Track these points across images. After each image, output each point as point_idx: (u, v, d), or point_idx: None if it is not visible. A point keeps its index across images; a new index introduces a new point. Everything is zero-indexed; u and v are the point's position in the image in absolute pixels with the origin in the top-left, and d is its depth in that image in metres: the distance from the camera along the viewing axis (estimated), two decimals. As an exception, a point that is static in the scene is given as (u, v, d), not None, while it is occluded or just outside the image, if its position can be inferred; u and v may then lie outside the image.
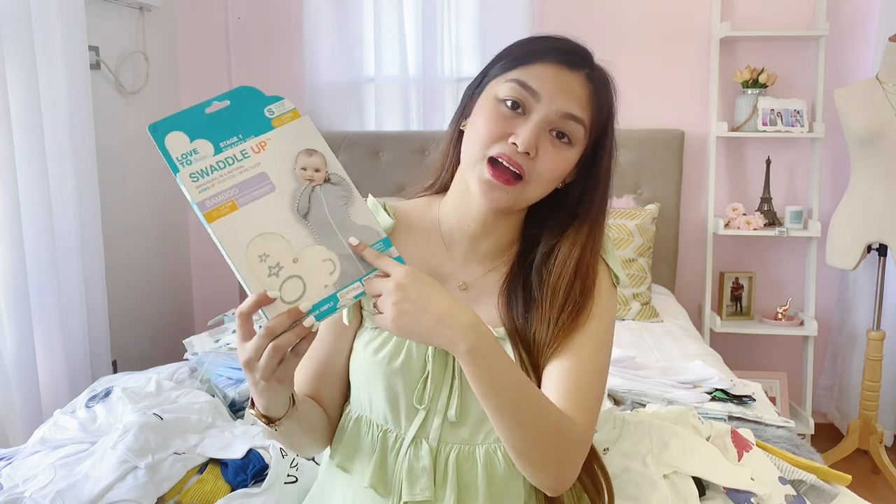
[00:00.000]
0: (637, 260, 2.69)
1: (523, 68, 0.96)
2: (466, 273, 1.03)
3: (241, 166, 0.81)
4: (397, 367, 0.96)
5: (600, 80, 0.98)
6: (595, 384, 0.95)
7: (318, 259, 0.82)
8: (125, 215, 2.71)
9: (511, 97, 0.94)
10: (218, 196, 0.80)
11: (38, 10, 2.08)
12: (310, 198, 0.83)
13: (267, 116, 0.84)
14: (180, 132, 0.81)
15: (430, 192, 1.10)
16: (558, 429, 0.88)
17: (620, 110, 1.05)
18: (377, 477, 0.98)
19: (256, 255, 0.80)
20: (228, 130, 0.82)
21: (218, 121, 0.82)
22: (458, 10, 3.02)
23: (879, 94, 2.61)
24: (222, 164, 0.81)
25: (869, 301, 2.94)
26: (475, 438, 0.97)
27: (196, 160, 0.80)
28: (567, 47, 0.98)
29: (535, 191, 0.96)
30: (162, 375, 1.81)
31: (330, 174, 0.85)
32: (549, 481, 0.91)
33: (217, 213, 0.79)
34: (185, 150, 0.80)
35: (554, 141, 0.95)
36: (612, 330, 1.01)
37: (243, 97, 0.84)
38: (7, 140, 1.95)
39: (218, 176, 0.80)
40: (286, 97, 0.87)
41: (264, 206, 0.81)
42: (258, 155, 0.82)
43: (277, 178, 0.82)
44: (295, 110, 0.86)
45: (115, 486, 1.24)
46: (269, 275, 0.80)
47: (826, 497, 1.28)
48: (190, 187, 0.79)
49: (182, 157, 0.80)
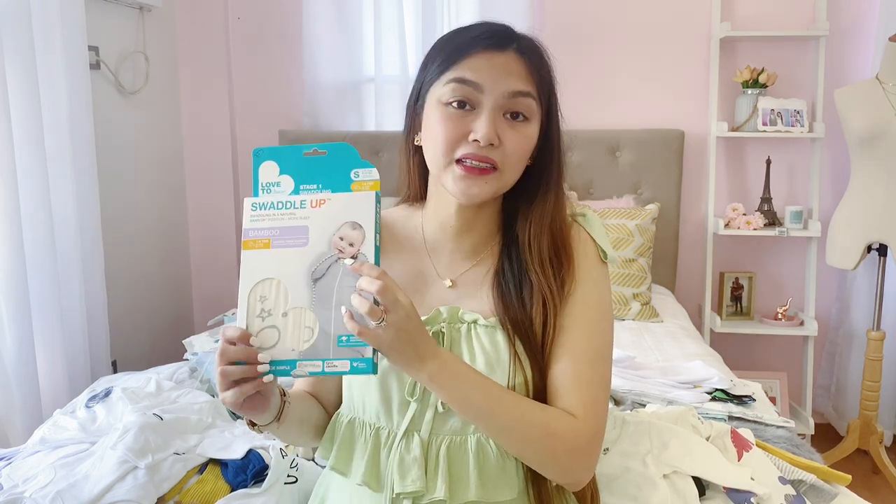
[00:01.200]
0: (637, 260, 2.69)
1: (456, 66, 0.96)
2: (452, 271, 1.05)
3: (294, 214, 0.87)
4: (388, 366, 0.98)
5: (530, 49, 0.99)
6: (596, 375, 0.96)
7: (303, 323, 0.85)
8: (125, 215, 2.71)
9: (455, 97, 0.95)
10: (261, 231, 0.87)
11: (38, 10, 2.08)
12: (329, 266, 0.85)
13: (351, 178, 0.88)
14: (275, 163, 0.89)
15: (409, 201, 1.12)
16: (546, 432, 0.90)
17: (620, 110, 1.06)
18: (369, 473, 0.99)
19: (259, 293, 0.86)
20: (313, 177, 0.88)
21: (310, 165, 0.89)
22: (458, 10, 3.02)
23: (879, 94, 2.61)
24: (281, 205, 0.87)
25: (867, 300, 2.95)
26: (466, 428, 0.98)
27: (276, 191, 0.89)
28: (489, 30, 0.99)
29: (511, 175, 0.98)
30: (162, 375, 1.81)
31: (360, 253, 0.86)
32: (558, 479, 0.94)
33: (252, 245, 0.87)
34: (271, 179, 0.89)
35: (511, 122, 0.96)
36: (608, 315, 1.01)
37: (341, 153, 0.89)
38: (7, 140, 1.95)
39: (272, 213, 0.87)
40: (286, 97, 0.89)
41: (290, 256, 0.86)
42: (313, 209, 0.87)
43: (314, 237, 0.86)
44: (377, 182, 0.88)
45: (115, 487, 1.24)
46: (258, 315, 0.85)
47: (826, 497, 1.28)
48: (247, 213, 0.88)
49: (266, 185, 0.89)
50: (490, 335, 0.98)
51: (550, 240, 1.00)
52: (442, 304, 1.02)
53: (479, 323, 0.99)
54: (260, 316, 0.84)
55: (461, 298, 1.02)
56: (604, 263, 1.03)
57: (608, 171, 2.98)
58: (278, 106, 3.15)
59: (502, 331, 0.98)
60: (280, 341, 0.84)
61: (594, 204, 2.87)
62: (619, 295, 2.61)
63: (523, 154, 0.97)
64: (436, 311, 1.00)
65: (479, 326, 0.99)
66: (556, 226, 1.01)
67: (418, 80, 1.03)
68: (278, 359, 0.84)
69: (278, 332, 0.84)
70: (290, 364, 0.84)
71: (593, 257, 1.02)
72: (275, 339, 0.84)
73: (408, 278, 1.04)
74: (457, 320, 1.00)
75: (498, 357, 0.97)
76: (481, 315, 0.99)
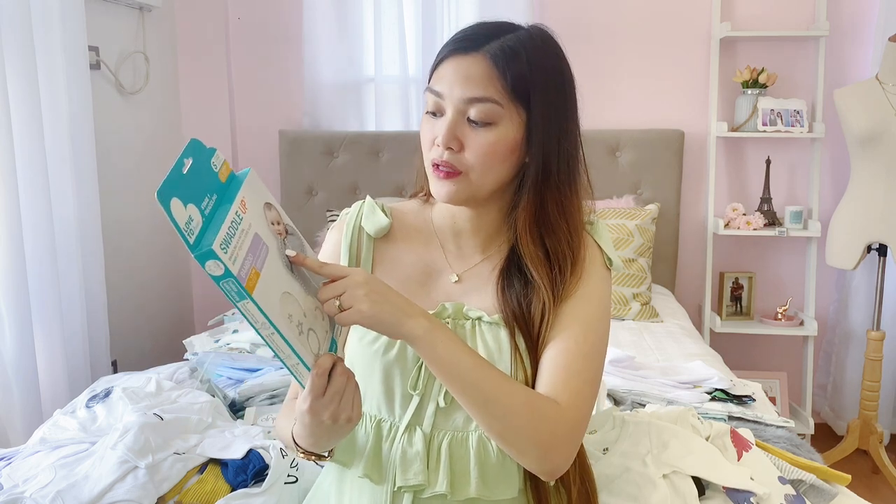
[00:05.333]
0: (637, 260, 2.69)
1: (434, 75, 0.99)
2: (459, 266, 1.06)
3: (243, 230, 0.77)
4: (393, 357, 0.99)
5: (502, 51, 0.95)
6: (585, 369, 0.95)
7: (313, 308, 0.86)
8: (125, 215, 2.71)
9: (430, 107, 0.98)
10: (245, 264, 0.75)
11: (38, 10, 2.08)
12: (285, 252, 0.85)
13: (213, 171, 0.80)
14: (177, 199, 0.73)
15: (423, 194, 1.13)
16: (530, 409, 0.90)
17: (620, 110, 1.06)
18: (371, 465, 1.00)
19: (285, 316, 0.79)
20: (200, 190, 0.77)
21: (191, 181, 0.76)
22: (458, 10, 3.02)
23: (879, 94, 2.61)
24: (231, 230, 0.75)
25: (867, 301, 2.95)
26: (468, 425, 0.98)
27: (195, 228, 0.73)
28: (461, 36, 0.98)
29: (480, 177, 0.97)
30: (162, 375, 1.80)
31: (286, 225, 0.87)
32: (536, 464, 0.92)
33: (251, 284, 0.75)
34: (185, 218, 0.73)
35: (474, 127, 0.96)
36: (605, 316, 1.01)
37: (196, 151, 0.79)
38: (7, 140, 1.95)
39: (235, 244, 0.75)
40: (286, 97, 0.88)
41: (270, 267, 0.80)
42: (246, 215, 0.79)
43: (266, 237, 0.82)
44: (226, 161, 0.84)
45: (115, 487, 1.25)
46: (300, 333, 0.81)
47: (826, 497, 1.28)
48: (225, 260, 0.72)
49: (186, 227, 0.72)
50: (493, 332, 0.99)
51: (539, 238, 0.99)
52: (447, 299, 1.03)
53: (484, 320, 1.00)
54: (301, 333, 0.82)
55: (466, 294, 1.03)
56: (607, 269, 1.04)
57: (608, 171, 2.98)
58: (278, 106, 3.15)
59: (505, 328, 0.99)
60: (318, 336, 0.85)
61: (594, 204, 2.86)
62: (619, 295, 2.61)
63: (488, 158, 0.96)
64: (441, 307, 1.01)
65: (484, 323, 1.00)
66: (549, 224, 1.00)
67: None
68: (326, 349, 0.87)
69: (314, 331, 0.84)
70: (332, 345, 0.88)
71: (599, 262, 1.03)
72: (316, 339, 0.85)
73: (417, 269, 1.05)
74: (461, 316, 1.01)
75: (500, 354, 0.98)
76: (486, 312, 1.00)
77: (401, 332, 0.88)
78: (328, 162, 3.05)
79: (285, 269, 0.83)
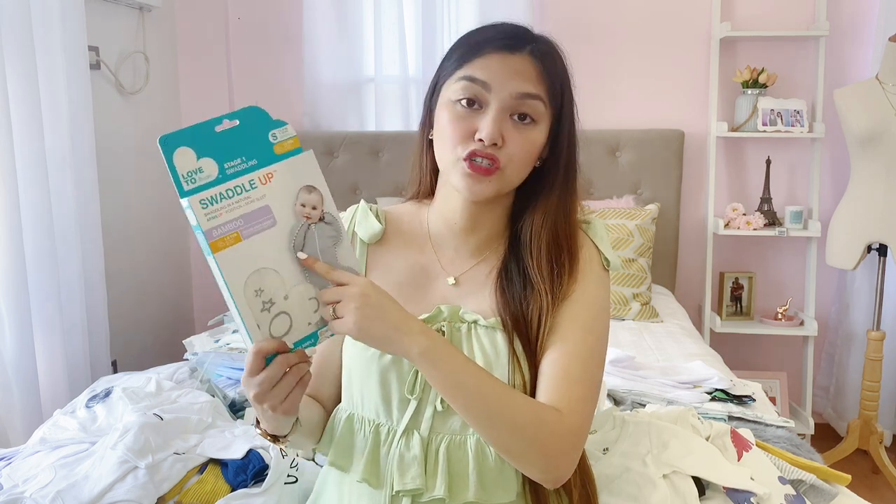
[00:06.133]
0: (637, 260, 2.69)
1: (468, 65, 0.98)
2: (456, 269, 1.05)
3: (249, 197, 0.81)
4: (389, 361, 0.98)
5: (545, 52, 0.99)
6: (585, 374, 0.95)
7: (305, 297, 0.85)
8: (125, 215, 2.71)
9: (464, 95, 0.97)
10: (225, 226, 0.79)
11: (38, 10, 2.08)
12: (305, 236, 0.85)
13: (270, 141, 0.84)
14: (188, 148, 0.79)
15: (418, 197, 1.12)
16: (535, 420, 0.89)
17: (620, 110, 1.06)
18: (369, 470, 0.99)
19: (253, 289, 0.81)
20: (234, 152, 0.81)
21: (225, 140, 0.81)
22: (458, 10, 3.02)
23: (879, 94, 2.61)
24: (231, 192, 0.80)
25: (867, 301, 2.95)
26: (466, 429, 0.98)
27: (200, 179, 0.79)
28: (504, 32, 0.99)
29: (513, 175, 0.98)
30: (162, 375, 1.80)
31: (325, 213, 0.86)
32: (541, 474, 0.92)
33: (222, 244, 0.79)
34: (190, 167, 0.79)
35: (517, 124, 0.96)
36: (604, 318, 1.01)
37: (252, 118, 0.84)
38: (7, 140, 1.95)
39: (227, 205, 0.79)
40: (286, 97, 0.87)
41: (265, 240, 0.82)
42: (264, 186, 0.82)
43: (279, 213, 0.83)
44: (296, 137, 0.86)
45: (115, 487, 1.24)
46: (262, 310, 0.82)
47: (826, 497, 1.28)
48: (199, 213, 0.77)
49: (187, 175, 0.78)
50: (490, 336, 0.99)
51: (552, 240, 1.00)
52: (443, 302, 1.02)
53: (480, 323, 0.99)
54: (264, 309, 0.82)
55: (463, 297, 1.03)
56: (605, 270, 1.03)
57: (608, 171, 2.98)
58: (278, 106, 3.14)
59: (502, 332, 0.98)
60: (293, 322, 0.84)
61: (594, 204, 2.87)
62: (618, 295, 2.61)
63: (526, 156, 0.98)
64: (437, 310, 1.01)
65: (480, 327, 0.99)
66: (560, 227, 1.01)
67: (435, 76, 1.04)
68: (298, 339, 0.85)
69: (288, 315, 0.84)
70: (311, 338, 0.86)
71: (596, 263, 1.02)
72: (287, 324, 0.84)
73: (411, 273, 1.05)
74: (457, 319, 1.00)
75: (497, 358, 0.97)
76: (482, 315, 1.00)
77: (392, 349, 0.88)
78: (328, 162, 3.05)
79: (287, 249, 0.83)
